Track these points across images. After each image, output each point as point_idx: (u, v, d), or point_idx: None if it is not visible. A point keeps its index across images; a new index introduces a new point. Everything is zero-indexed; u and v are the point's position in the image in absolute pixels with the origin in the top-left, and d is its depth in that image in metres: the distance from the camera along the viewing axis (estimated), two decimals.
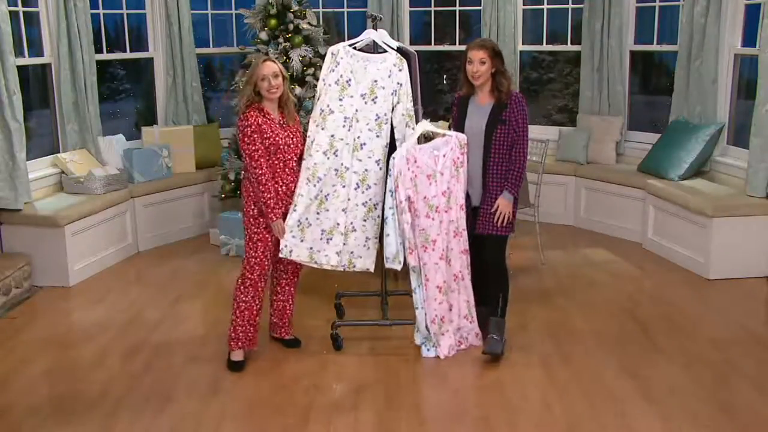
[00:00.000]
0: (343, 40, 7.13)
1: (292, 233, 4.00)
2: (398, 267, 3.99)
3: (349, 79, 4.06)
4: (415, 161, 3.94)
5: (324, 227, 4.04)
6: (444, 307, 4.09)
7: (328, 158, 4.02)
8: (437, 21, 7.40)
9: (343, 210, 4.04)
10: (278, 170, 3.92)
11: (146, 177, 6.20)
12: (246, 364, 4.02)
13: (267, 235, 3.94)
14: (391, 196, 3.92)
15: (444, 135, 4.03)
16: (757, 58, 5.31)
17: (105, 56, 6.55)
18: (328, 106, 4.06)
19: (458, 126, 4.13)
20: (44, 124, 6.28)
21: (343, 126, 4.03)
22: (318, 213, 4.03)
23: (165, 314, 4.81)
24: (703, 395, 3.68)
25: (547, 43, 7.24)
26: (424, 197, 3.98)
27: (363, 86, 4.05)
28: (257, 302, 4.01)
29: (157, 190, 6.23)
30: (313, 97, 5.81)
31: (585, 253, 5.98)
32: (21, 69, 5.46)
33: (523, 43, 7.13)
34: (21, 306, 4.98)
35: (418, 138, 4.01)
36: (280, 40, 5.93)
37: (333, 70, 4.08)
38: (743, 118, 5.92)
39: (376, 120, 4.04)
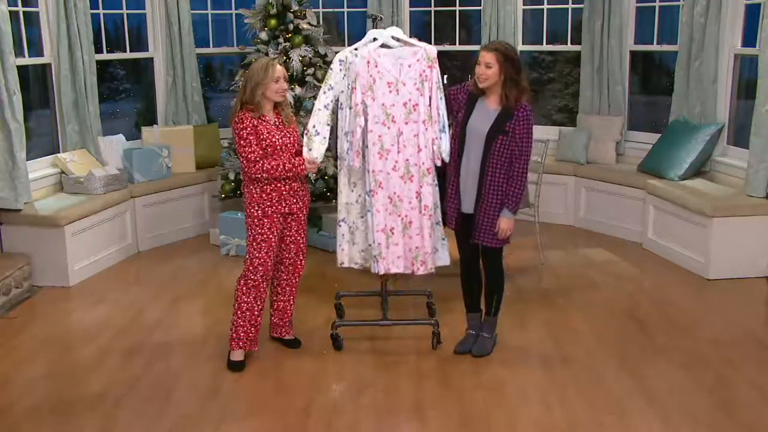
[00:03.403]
0: (344, 40, 7.15)
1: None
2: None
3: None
4: (376, 65, 3.89)
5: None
6: (394, 218, 4.01)
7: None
8: (437, 21, 7.39)
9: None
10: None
11: (146, 177, 6.20)
12: (246, 364, 4.02)
13: (271, 236, 3.94)
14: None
15: (413, 45, 3.95)
16: (757, 58, 5.31)
17: (105, 56, 6.56)
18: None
19: (460, 117, 3.98)
20: (44, 124, 6.28)
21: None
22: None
23: (165, 314, 4.81)
24: (703, 395, 3.68)
25: (547, 43, 7.24)
26: (382, 104, 3.92)
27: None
28: (259, 303, 4.00)
29: (157, 190, 6.22)
30: (313, 97, 5.85)
31: (585, 253, 5.98)
32: (21, 69, 5.46)
33: (523, 43, 7.13)
34: (21, 306, 4.98)
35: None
36: (280, 40, 5.93)
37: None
38: (743, 118, 5.92)
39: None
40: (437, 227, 4.09)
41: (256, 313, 4.00)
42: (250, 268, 3.95)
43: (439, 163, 4.04)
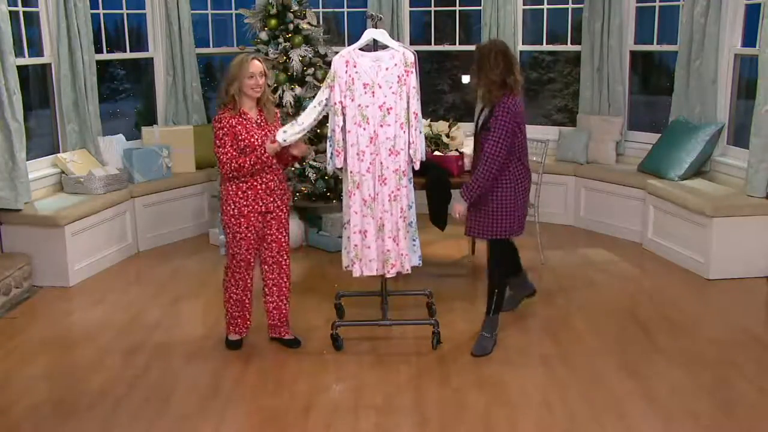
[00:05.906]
0: (344, 40, 7.14)
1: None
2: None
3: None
4: (355, 66, 3.92)
5: None
6: (368, 221, 4.02)
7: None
8: (437, 21, 7.40)
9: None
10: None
11: (146, 177, 6.20)
12: (242, 343, 4.22)
13: (249, 234, 4.01)
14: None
15: (391, 48, 3.96)
16: (757, 58, 5.31)
17: (105, 56, 6.55)
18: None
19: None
20: (44, 124, 6.28)
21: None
22: None
23: (165, 314, 4.81)
24: (703, 395, 3.68)
25: (547, 43, 7.23)
26: (358, 105, 3.94)
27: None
28: (247, 294, 4.17)
29: (157, 190, 6.23)
30: (314, 97, 5.84)
31: (585, 253, 5.98)
32: (21, 69, 5.46)
33: (523, 43, 7.13)
34: (21, 306, 4.98)
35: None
36: (280, 40, 5.93)
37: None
38: (743, 118, 5.92)
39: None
40: (410, 228, 4.08)
41: (246, 302, 4.20)
42: (233, 263, 4.06)
43: (417, 167, 4.05)
